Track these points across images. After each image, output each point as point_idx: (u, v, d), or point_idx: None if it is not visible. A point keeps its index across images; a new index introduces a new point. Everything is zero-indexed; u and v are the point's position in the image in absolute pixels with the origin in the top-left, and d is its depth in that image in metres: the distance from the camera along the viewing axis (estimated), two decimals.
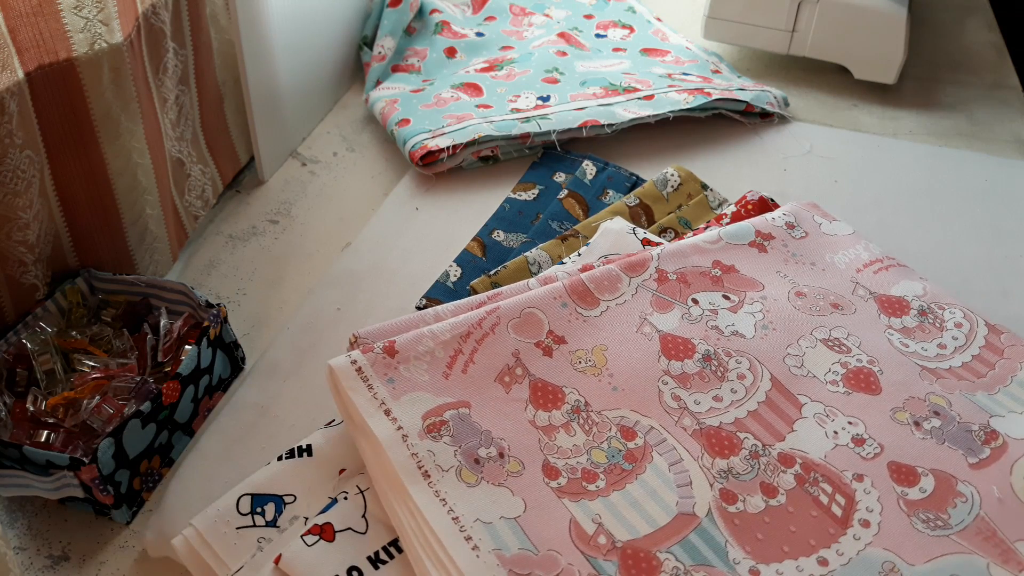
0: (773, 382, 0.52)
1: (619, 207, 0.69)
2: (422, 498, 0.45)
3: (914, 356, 0.53)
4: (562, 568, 0.44)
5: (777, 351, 0.53)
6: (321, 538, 0.46)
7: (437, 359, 0.52)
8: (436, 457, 0.47)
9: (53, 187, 0.58)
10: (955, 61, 0.91)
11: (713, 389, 0.51)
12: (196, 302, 0.58)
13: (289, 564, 0.45)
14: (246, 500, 0.49)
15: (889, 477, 0.47)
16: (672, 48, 0.88)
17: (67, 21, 0.53)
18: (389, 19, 0.88)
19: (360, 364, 0.50)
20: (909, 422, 0.49)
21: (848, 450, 0.48)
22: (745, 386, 0.51)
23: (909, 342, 0.54)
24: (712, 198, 0.70)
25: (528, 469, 0.48)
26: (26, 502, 0.54)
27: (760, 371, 0.52)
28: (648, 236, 0.62)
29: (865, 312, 0.56)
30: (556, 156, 0.76)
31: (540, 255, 0.64)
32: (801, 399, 0.51)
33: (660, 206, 0.69)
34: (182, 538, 0.47)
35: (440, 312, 0.55)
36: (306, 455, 0.50)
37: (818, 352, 0.53)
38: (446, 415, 0.49)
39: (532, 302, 0.54)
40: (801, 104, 0.84)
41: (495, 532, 0.45)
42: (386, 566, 0.45)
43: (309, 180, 0.78)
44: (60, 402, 0.53)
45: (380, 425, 0.48)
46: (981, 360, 0.53)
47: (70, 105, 0.56)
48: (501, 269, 0.63)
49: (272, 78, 0.74)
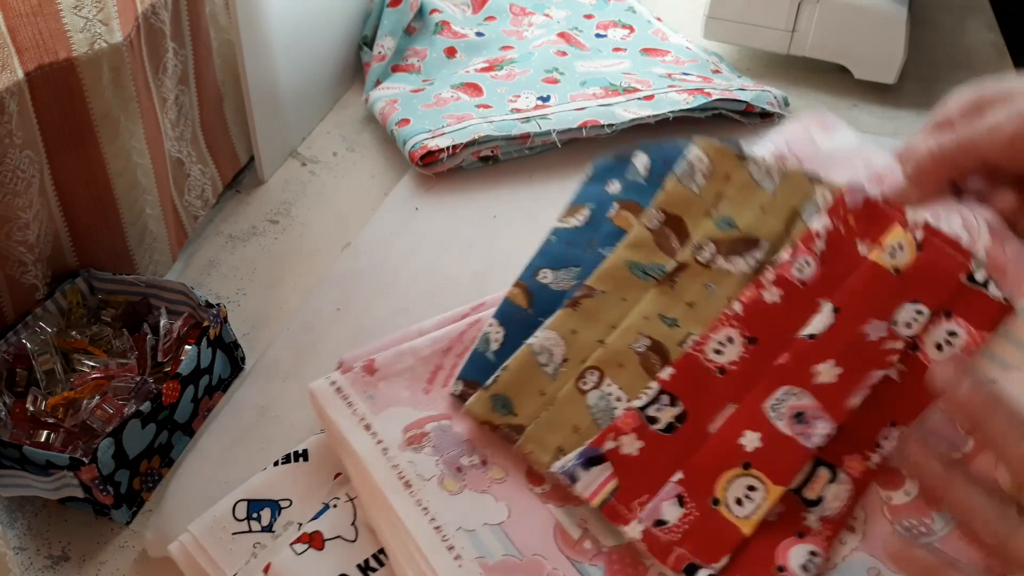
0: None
1: (636, 237, 0.52)
2: (404, 508, 0.45)
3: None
4: (547, 573, 0.43)
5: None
6: (310, 546, 0.45)
7: (417, 375, 0.51)
8: (417, 467, 0.47)
9: (53, 187, 0.58)
10: (955, 61, 0.91)
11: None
12: (196, 302, 0.58)
13: (278, 573, 0.44)
14: (242, 506, 0.48)
15: (874, 482, 0.46)
16: (672, 48, 0.88)
17: (67, 21, 0.53)
18: (389, 19, 0.88)
19: (339, 384, 0.51)
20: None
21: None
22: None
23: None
24: (755, 170, 0.53)
25: (512, 475, 0.47)
26: (26, 502, 0.54)
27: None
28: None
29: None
30: (607, 165, 0.60)
31: (548, 338, 0.50)
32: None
33: (694, 208, 0.53)
34: (179, 544, 0.47)
35: (423, 327, 0.54)
36: (302, 460, 0.50)
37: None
38: (428, 427, 0.49)
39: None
40: (801, 104, 0.84)
41: (478, 540, 0.44)
42: (376, 574, 0.45)
43: (309, 180, 0.78)
44: (60, 402, 0.53)
45: (360, 440, 0.48)
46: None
47: (70, 105, 0.56)
48: (501, 373, 0.49)
49: (272, 78, 0.74)
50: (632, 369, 0.49)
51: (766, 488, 0.44)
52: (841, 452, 0.45)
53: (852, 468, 0.45)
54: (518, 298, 0.53)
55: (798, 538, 0.43)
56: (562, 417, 0.47)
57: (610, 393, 0.48)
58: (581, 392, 0.48)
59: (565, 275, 0.54)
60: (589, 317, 0.51)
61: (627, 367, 0.49)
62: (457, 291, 0.63)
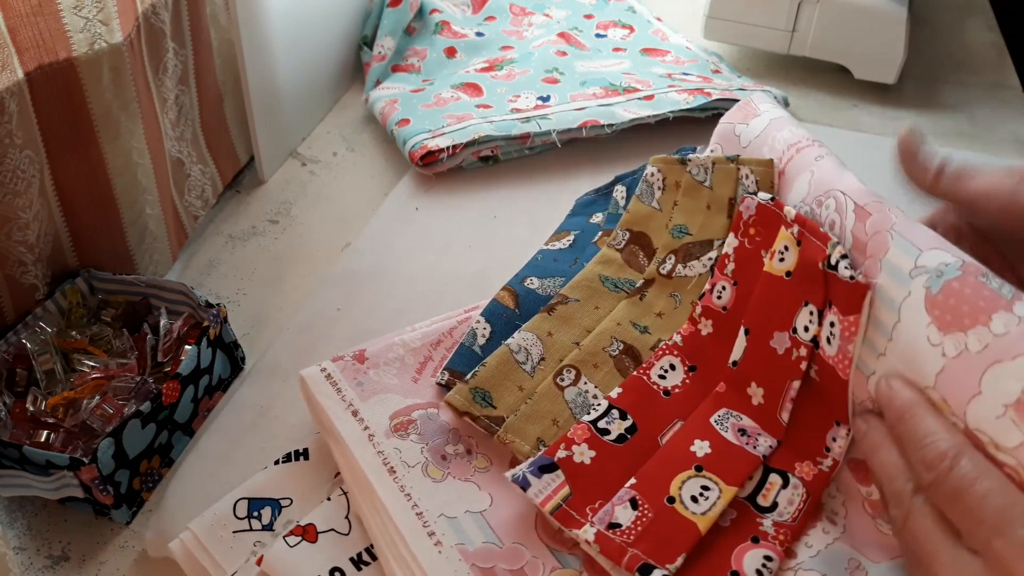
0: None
1: (606, 255, 0.56)
2: (387, 494, 0.46)
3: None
4: (527, 561, 0.44)
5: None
6: (303, 539, 0.46)
7: (407, 365, 0.52)
8: (402, 454, 0.48)
9: (53, 187, 0.58)
10: (955, 61, 0.91)
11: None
12: (196, 302, 0.58)
13: (271, 565, 0.45)
14: (243, 504, 0.49)
15: (852, 478, 0.46)
16: (672, 48, 0.88)
17: (67, 21, 0.53)
18: (389, 19, 0.88)
19: (330, 371, 0.51)
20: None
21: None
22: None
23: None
24: (696, 171, 0.55)
25: (496, 465, 0.48)
26: (26, 502, 0.54)
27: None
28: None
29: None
30: (588, 200, 0.66)
31: (526, 339, 0.52)
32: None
33: (655, 223, 0.56)
34: (179, 542, 0.47)
35: (416, 327, 0.55)
36: (302, 459, 0.51)
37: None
38: (414, 415, 0.50)
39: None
40: (801, 104, 0.84)
41: (459, 527, 0.45)
42: (369, 567, 0.46)
43: (309, 180, 0.78)
44: (60, 402, 0.53)
45: (347, 426, 0.49)
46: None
47: (70, 105, 0.56)
48: (480, 368, 0.50)
49: (272, 78, 0.74)
50: (607, 370, 0.51)
51: (720, 488, 0.44)
52: (792, 460, 0.46)
53: (804, 473, 0.46)
54: (505, 299, 0.56)
55: (753, 543, 0.43)
56: (541, 410, 0.49)
57: (587, 391, 0.50)
58: (559, 388, 0.50)
59: (551, 283, 0.57)
60: (564, 321, 0.53)
61: (602, 368, 0.51)
62: (457, 291, 0.64)
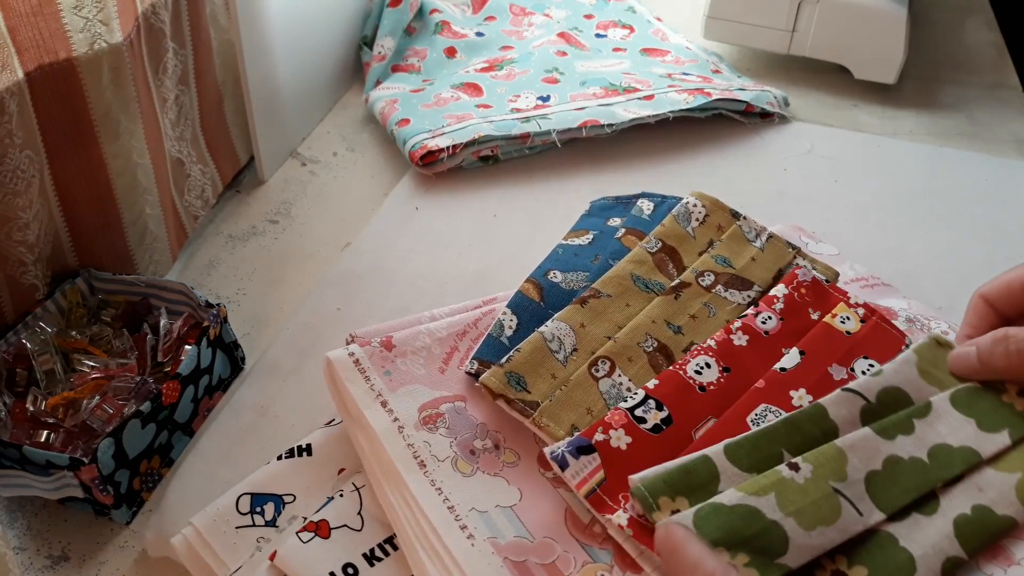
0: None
1: (639, 255, 0.57)
2: (418, 487, 0.46)
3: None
4: (558, 555, 0.44)
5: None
6: (316, 535, 0.46)
7: (433, 355, 0.52)
8: (432, 448, 0.48)
9: (53, 187, 0.58)
10: (955, 61, 0.91)
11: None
12: (196, 302, 0.58)
13: (284, 561, 0.45)
14: (245, 499, 0.49)
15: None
16: (672, 48, 0.88)
17: (67, 21, 0.53)
18: (389, 19, 0.88)
19: (358, 356, 0.51)
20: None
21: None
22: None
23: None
24: (747, 228, 0.59)
25: (523, 460, 0.48)
26: (26, 502, 0.54)
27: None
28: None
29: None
30: (606, 204, 0.66)
31: (559, 328, 0.52)
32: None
33: (687, 246, 0.58)
34: (181, 537, 0.47)
35: (436, 313, 0.55)
36: (305, 454, 0.50)
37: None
38: (442, 408, 0.50)
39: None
40: (801, 104, 0.84)
41: (490, 521, 0.45)
42: (381, 563, 0.45)
43: (309, 180, 0.78)
44: (60, 402, 0.53)
45: (377, 417, 0.49)
46: None
47: (70, 105, 0.56)
48: (514, 354, 0.51)
49: (272, 78, 0.74)
50: (641, 365, 0.51)
51: None
52: None
53: None
54: (530, 292, 0.56)
55: None
56: (576, 398, 0.49)
57: (621, 383, 0.50)
58: (594, 379, 0.50)
59: (573, 277, 0.57)
60: (596, 315, 0.54)
61: (636, 363, 0.51)
62: (457, 291, 0.64)
